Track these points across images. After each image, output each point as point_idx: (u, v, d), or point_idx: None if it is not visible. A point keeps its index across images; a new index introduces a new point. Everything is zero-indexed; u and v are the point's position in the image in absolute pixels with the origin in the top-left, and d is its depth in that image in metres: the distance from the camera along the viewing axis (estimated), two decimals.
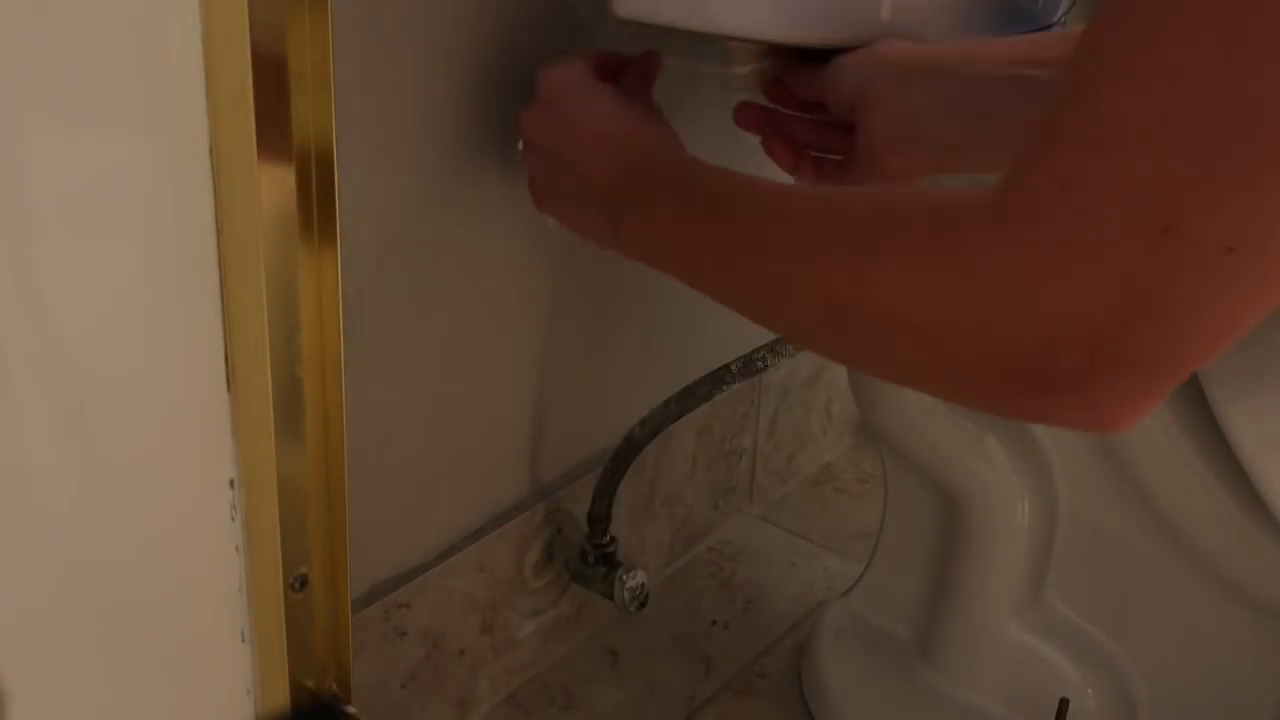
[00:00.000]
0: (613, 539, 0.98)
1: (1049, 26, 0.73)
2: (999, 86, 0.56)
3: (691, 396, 0.90)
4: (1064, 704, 0.82)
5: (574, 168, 0.64)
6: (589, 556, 0.98)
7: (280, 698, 0.66)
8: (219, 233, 0.56)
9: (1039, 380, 0.39)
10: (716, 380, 0.88)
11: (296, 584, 0.63)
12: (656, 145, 0.62)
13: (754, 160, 0.73)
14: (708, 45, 0.75)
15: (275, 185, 0.55)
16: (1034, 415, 0.42)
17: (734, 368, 0.88)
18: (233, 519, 0.62)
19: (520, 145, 0.70)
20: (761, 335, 0.87)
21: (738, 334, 1.10)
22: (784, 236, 0.49)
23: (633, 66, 0.71)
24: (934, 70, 0.59)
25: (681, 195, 0.58)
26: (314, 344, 0.60)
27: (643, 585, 0.98)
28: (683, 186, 0.58)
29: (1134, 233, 0.36)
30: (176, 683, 0.64)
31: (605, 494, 0.95)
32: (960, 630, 0.93)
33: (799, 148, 0.68)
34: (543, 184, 0.69)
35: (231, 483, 0.61)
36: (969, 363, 0.41)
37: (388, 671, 0.88)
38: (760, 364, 0.87)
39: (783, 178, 0.68)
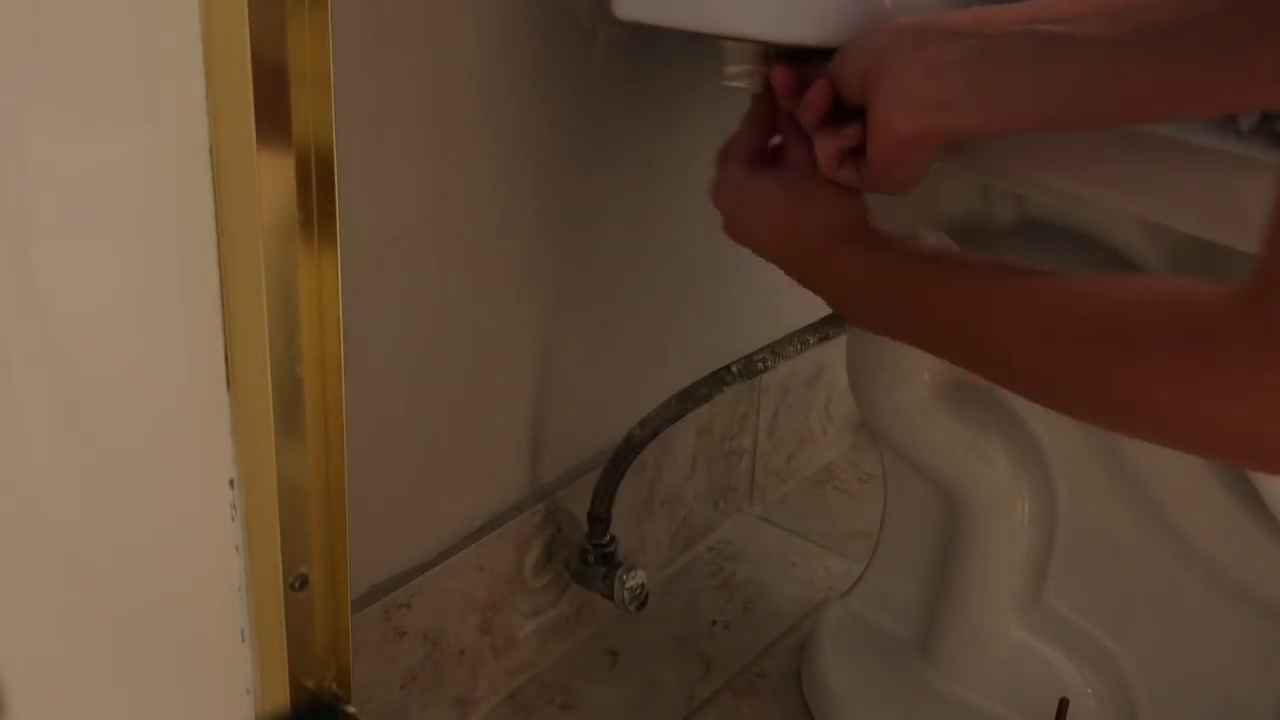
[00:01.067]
0: (613, 539, 0.98)
1: None
2: (1014, 41, 0.56)
3: (692, 397, 0.90)
4: (1064, 704, 0.81)
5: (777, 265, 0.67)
6: (589, 556, 0.98)
7: (280, 697, 0.65)
8: (219, 233, 0.56)
9: None
10: (717, 381, 0.88)
11: (296, 584, 0.63)
12: (831, 237, 0.63)
13: None
14: (708, 45, 0.75)
15: (275, 185, 0.55)
16: None
17: (734, 368, 0.87)
18: (233, 519, 0.62)
19: None
20: (762, 336, 0.87)
21: (739, 334, 1.11)
22: (1017, 336, 0.52)
23: (786, 125, 0.68)
24: (950, 31, 0.58)
25: (876, 293, 0.61)
26: (314, 344, 0.60)
27: (643, 585, 0.98)
28: (876, 286, 0.61)
29: None
30: (176, 682, 0.64)
31: (605, 494, 0.95)
32: (960, 630, 0.93)
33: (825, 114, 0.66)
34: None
35: (231, 482, 0.61)
36: (1237, 457, 0.46)
37: (388, 671, 0.88)
38: (761, 365, 0.86)
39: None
